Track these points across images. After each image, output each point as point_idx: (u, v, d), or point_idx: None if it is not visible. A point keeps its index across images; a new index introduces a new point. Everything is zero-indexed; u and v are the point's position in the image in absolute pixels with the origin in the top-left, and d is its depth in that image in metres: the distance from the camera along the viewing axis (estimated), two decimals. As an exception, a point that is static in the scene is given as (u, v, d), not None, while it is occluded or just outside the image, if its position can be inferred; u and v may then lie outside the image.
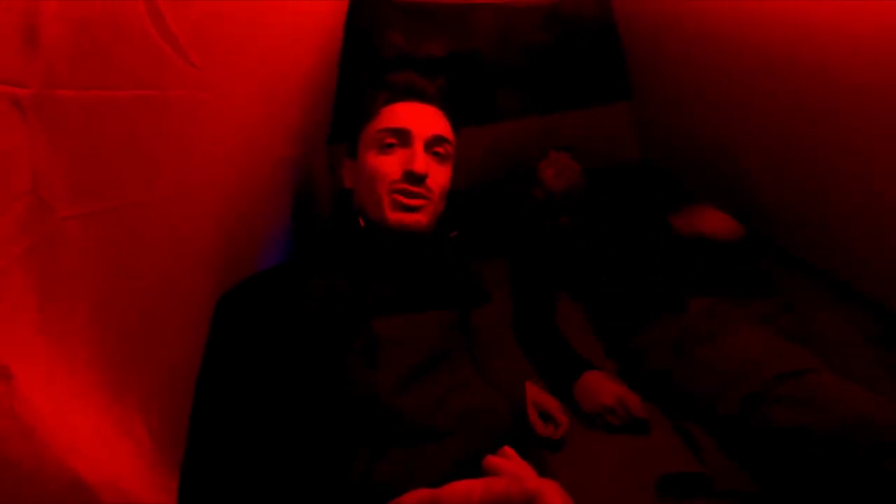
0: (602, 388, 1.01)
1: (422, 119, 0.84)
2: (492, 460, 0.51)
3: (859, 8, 0.89)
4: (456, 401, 0.67)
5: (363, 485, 0.58)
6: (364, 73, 1.48)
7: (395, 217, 0.79)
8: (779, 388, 0.86)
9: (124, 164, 0.45)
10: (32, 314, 0.37)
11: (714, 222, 1.15)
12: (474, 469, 0.52)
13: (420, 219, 0.80)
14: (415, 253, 0.80)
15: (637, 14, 1.59)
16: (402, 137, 0.82)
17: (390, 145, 0.82)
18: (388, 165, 0.80)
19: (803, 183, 1.20)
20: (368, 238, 0.80)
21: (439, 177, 0.83)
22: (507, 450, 0.54)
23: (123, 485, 0.45)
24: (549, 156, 1.53)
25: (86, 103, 0.35)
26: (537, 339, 1.18)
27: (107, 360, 0.46)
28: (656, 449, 0.94)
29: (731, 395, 0.90)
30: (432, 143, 0.83)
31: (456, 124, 0.91)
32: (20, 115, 0.29)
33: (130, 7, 0.39)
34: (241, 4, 0.65)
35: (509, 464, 0.51)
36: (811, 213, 1.22)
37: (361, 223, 0.82)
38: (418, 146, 0.81)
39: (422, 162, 0.79)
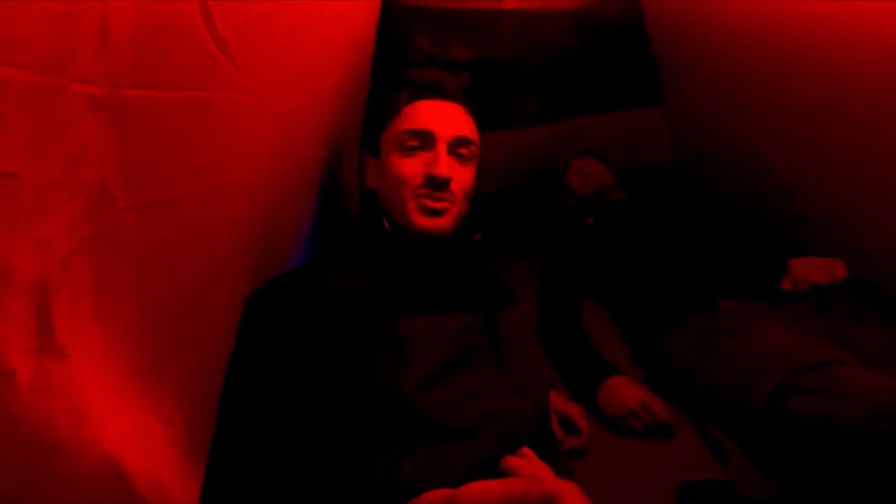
0: (626, 392, 1.01)
1: (445, 119, 0.82)
2: (510, 461, 0.51)
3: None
4: (479, 402, 0.66)
5: (385, 484, 0.58)
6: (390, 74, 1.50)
7: (419, 222, 0.79)
8: (804, 379, 0.84)
9: (173, 160, 0.47)
10: (90, 299, 0.39)
11: (821, 270, 1.11)
12: (496, 470, 0.52)
13: (444, 223, 0.79)
14: (438, 254, 0.80)
15: (667, 17, 1.59)
16: (425, 139, 0.80)
17: (412, 147, 0.80)
18: (411, 169, 0.79)
19: (839, 188, 1.18)
20: (392, 239, 0.80)
21: (463, 179, 0.82)
22: (526, 451, 0.54)
23: (157, 472, 0.46)
24: (571, 165, 1.54)
25: (145, 103, 0.38)
26: (562, 343, 1.18)
27: (149, 349, 0.48)
28: (679, 454, 0.93)
29: (757, 387, 0.88)
30: (456, 145, 0.81)
31: (481, 122, 0.89)
32: (92, 111, 0.31)
33: (187, 11, 0.42)
34: (280, 11, 0.67)
35: (528, 465, 0.51)
36: (845, 218, 1.20)
37: (386, 224, 0.82)
38: (441, 148, 0.79)
39: (445, 166, 0.78)
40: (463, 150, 0.82)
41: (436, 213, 0.79)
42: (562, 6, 1.63)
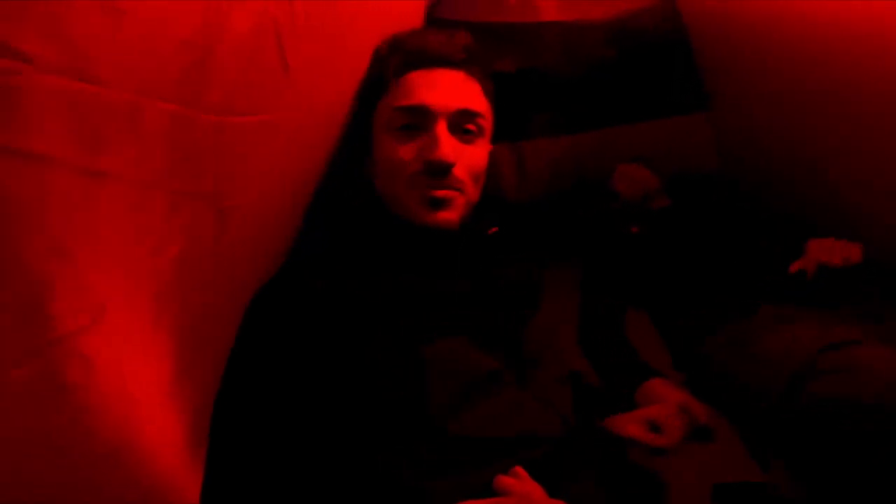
0: (665, 394, 1.02)
1: (443, 89, 0.69)
2: (502, 480, 0.51)
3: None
4: (507, 424, 0.61)
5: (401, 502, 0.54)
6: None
7: (422, 217, 0.69)
8: (819, 362, 0.83)
9: (249, 172, 0.55)
10: (188, 291, 0.47)
11: (831, 251, 1.08)
12: (490, 489, 0.51)
13: (451, 216, 0.69)
14: (445, 252, 0.70)
15: (708, 22, 1.58)
16: (420, 117, 0.69)
17: (406, 128, 0.69)
18: (406, 155, 0.68)
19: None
20: (394, 237, 0.70)
21: (470, 161, 0.70)
22: (518, 470, 0.53)
23: (175, 460, 0.47)
24: (617, 170, 1.55)
25: (237, 127, 0.46)
26: (603, 349, 1.20)
27: (201, 335, 0.52)
28: (719, 457, 0.93)
29: (779, 379, 0.88)
30: (458, 120, 0.69)
31: (490, 88, 0.76)
32: (208, 135, 0.40)
33: (264, 43, 0.49)
34: (337, 43, 0.70)
35: (519, 484, 0.51)
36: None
37: (385, 218, 0.73)
38: (441, 126, 0.67)
39: (446, 148, 0.66)
40: (469, 126, 0.71)
41: (440, 203, 0.69)
42: (600, 17, 1.65)
